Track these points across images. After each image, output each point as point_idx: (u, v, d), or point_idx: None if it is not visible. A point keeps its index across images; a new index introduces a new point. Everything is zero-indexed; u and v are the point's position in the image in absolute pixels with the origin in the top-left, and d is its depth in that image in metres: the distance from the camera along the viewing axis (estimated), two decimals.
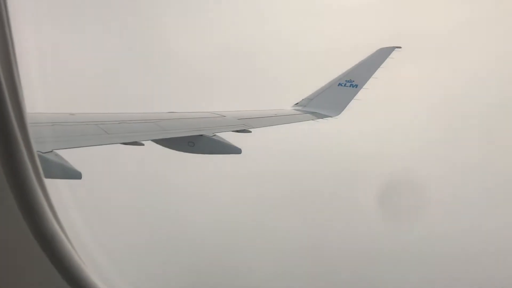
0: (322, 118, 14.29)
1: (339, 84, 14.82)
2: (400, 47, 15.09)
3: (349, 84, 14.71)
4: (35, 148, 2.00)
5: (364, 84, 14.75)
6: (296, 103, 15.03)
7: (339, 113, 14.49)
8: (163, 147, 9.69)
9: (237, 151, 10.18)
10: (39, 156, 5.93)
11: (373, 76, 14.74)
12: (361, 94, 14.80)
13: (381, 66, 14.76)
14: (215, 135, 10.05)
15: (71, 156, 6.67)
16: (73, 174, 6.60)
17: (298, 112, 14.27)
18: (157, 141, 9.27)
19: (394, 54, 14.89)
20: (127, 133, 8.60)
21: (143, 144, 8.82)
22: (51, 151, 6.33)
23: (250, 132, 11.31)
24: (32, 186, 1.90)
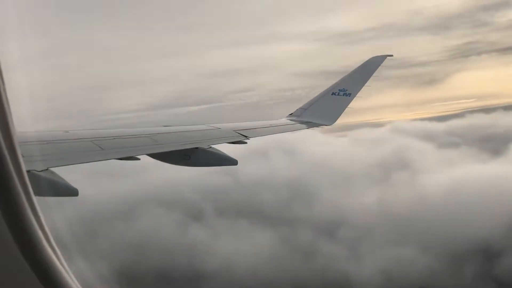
0: (316, 127, 14.35)
1: (333, 94, 14.88)
2: (392, 55, 15.22)
3: (342, 93, 14.78)
4: (25, 165, 2.00)
5: (357, 92, 14.82)
6: (290, 113, 15.09)
7: (334, 122, 14.55)
8: (159, 161, 9.70)
9: (233, 162, 10.18)
10: (35, 174, 5.95)
11: (366, 84, 14.83)
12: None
13: (373, 75, 14.87)
14: (210, 147, 10.05)
15: (67, 174, 6.69)
16: (70, 192, 6.61)
17: (293, 122, 14.31)
18: (153, 155, 9.28)
19: (385, 62, 15.01)
20: (122, 148, 8.61)
21: (138, 159, 8.84)
22: (46, 169, 6.34)
23: (246, 143, 11.33)
24: (21, 204, 1.89)
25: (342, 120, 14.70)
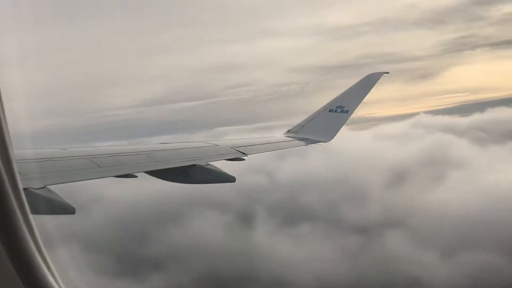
0: (314, 143, 14.37)
1: (330, 110, 14.96)
2: (388, 73, 15.33)
3: (339, 110, 14.85)
4: (22, 183, 1.99)
5: (354, 109, 14.90)
6: (288, 130, 15.14)
7: (331, 139, 14.58)
8: (157, 178, 9.66)
9: (231, 179, 10.15)
10: (32, 192, 5.93)
11: (363, 101, 14.93)
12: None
13: (370, 92, 14.98)
14: (208, 164, 10.03)
15: (64, 191, 6.66)
16: (67, 209, 6.57)
17: (290, 139, 14.35)
18: (150, 173, 9.26)
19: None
20: (120, 165, 8.59)
21: (136, 176, 8.81)
22: (43, 187, 6.31)
23: (244, 160, 11.33)
24: (17, 222, 1.88)
25: None
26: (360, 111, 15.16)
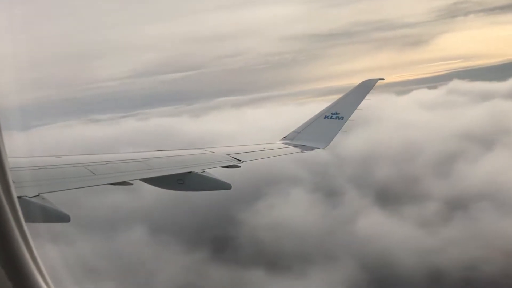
0: (310, 150, 14.40)
1: (325, 117, 15.02)
2: (383, 79, 15.42)
3: (335, 117, 14.92)
4: (17, 191, 1.98)
5: (349, 116, 14.97)
6: (284, 136, 15.17)
7: (327, 145, 14.62)
8: (152, 186, 9.64)
9: (227, 186, 10.13)
10: (26, 200, 5.88)
11: (358, 108, 15.01)
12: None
13: (365, 98, 15.06)
14: (204, 171, 10.03)
15: (59, 199, 6.62)
16: (62, 217, 6.53)
17: (286, 146, 14.38)
18: (146, 180, 9.23)
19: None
20: (115, 173, 8.56)
21: (131, 184, 8.78)
22: (38, 195, 6.27)
23: (240, 167, 11.34)
24: (11, 230, 1.87)
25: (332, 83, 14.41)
26: (355, 80, 14.86)
